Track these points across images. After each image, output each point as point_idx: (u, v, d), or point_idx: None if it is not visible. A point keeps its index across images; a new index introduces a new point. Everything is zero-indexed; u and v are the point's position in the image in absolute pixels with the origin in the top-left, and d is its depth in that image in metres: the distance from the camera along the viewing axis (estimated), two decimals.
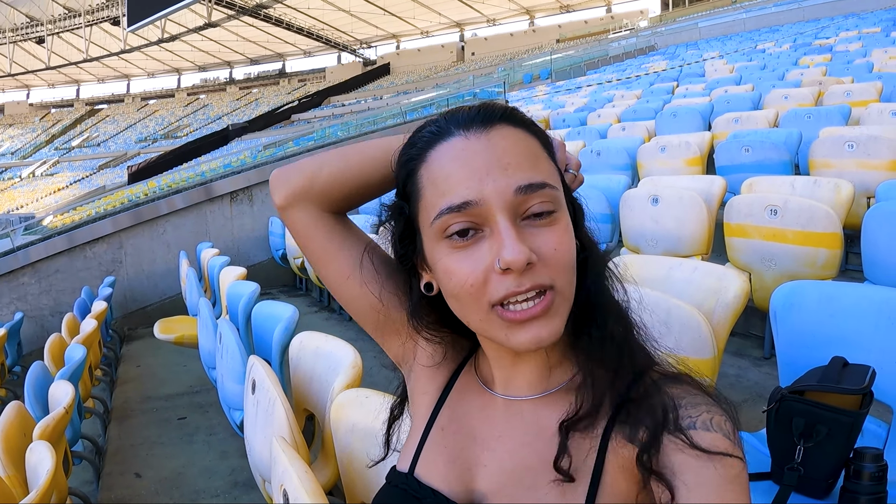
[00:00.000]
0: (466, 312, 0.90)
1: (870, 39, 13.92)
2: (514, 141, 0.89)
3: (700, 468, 0.77)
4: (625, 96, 12.21)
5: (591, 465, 0.87)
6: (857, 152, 4.61)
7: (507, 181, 0.85)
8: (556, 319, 0.86)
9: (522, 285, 0.83)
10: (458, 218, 0.86)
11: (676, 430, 0.81)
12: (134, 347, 6.91)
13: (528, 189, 0.85)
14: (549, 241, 0.85)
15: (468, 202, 0.85)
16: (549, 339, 0.86)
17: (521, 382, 0.98)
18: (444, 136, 0.91)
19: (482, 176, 0.86)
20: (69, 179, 52.93)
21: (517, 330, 0.86)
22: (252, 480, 3.44)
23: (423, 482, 1.00)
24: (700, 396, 0.85)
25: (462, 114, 0.92)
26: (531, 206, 0.85)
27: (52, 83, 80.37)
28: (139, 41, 66.20)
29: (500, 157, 0.87)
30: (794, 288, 1.93)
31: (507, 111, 0.93)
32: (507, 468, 0.94)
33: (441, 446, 1.03)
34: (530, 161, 0.88)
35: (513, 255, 0.81)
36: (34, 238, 8.13)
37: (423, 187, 0.91)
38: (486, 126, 0.90)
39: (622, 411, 0.89)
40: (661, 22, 43.19)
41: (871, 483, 1.37)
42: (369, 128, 14.79)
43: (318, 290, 7.46)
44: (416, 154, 0.93)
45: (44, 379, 3.82)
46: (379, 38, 69.90)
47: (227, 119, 58.97)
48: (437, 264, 0.91)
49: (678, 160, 6.01)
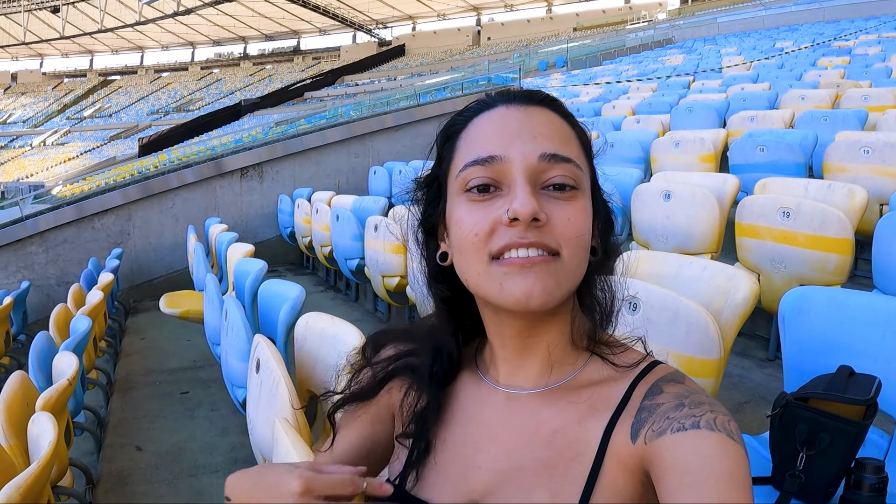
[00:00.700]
0: (467, 266, 0.91)
1: (890, 44, 13.80)
2: (550, 119, 0.93)
3: (703, 466, 0.77)
4: (640, 88, 12.16)
5: (589, 463, 0.88)
6: (873, 158, 4.58)
7: (534, 146, 0.89)
8: (552, 283, 0.86)
9: (525, 237, 0.85)
10: (480, 171, 0.89)
11: (680, 429, 0.80)
12: (139, 320, 6.94)
13: (552, 158, 0.88)
14: (564, 212, 0.88)
15: (493, 156, 0.89)
16: (541, 298, 0.86)
17: (522, 375, 0.99)
18: (488, 108, 0.96)
19: (512, 137, 0.90)
20: (80, 149, 53.10)
21: (511, 280, 0.86)
22: (252, 458, 3.45)
23: (414, 495, 1.01)
24: (703, 396, 0.86)
25: (508, 92, 0.97)
26: (553, 177, 0.88)
27: (65, 53, 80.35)
28: (154, 13, 66.11)
29: (534, 127, 0.91)
30: (803, 293, 1.91)
31: (550, 98, 0.97)
32: (501, 468, 0.95)
33: (431, 457, 1.03)
34: (561, 138, 0.91)
35: (522, 205, 0.84)
36: (43, 207, 8.15)
37: (457, 148, 0.96)
38: (526, 102, 0.94)
39: (623, 410, 0.89)
40: (679, 15, 42.91)
41: (872, 494, 1.37)
42: (382, 108, 14.74)
43: (324, 269, 7.47)
44: (461, 122, 0.98)
45: (48, 349, 3.83)
46: (395, 19, 69.68)
47: (239, 94, 58.97)
48: (453, 216, 0.94)
49: (692, 156, 5.99)
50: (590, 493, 0.86)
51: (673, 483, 0.78)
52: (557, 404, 0.94)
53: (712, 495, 0.74)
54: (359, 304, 6.38)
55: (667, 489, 0.78)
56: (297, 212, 7.71)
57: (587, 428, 0.90)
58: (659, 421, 0.83)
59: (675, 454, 0.79)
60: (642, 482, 0.85)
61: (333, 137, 9.58)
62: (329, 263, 6.70)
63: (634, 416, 0.87)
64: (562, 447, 0.91)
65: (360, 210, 6.24)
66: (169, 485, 3.38)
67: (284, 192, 8.84)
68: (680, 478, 0.77)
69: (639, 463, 0.84)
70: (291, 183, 9.11)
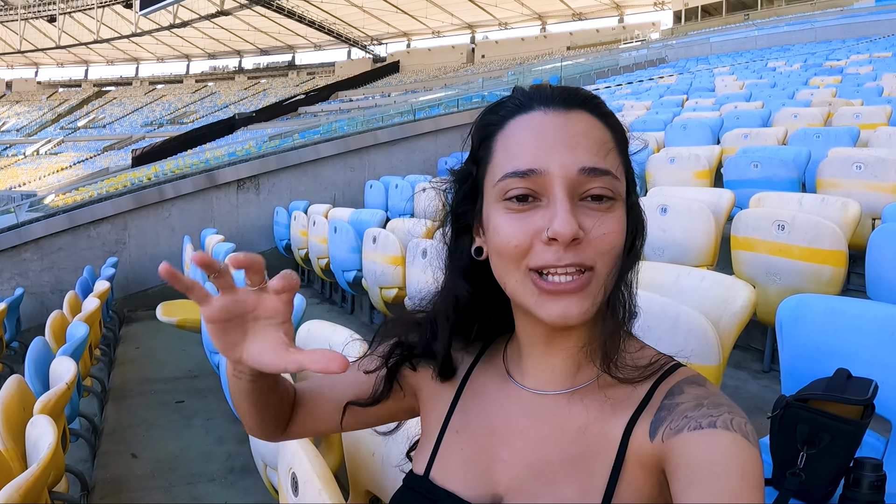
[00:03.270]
0: (505, 272, 0.92)
1: (881, 63, 13.92)
2: (589, 127, 0.91)
3: (717, 464, 0.78)
4: (634, 107, 12.23)
5: (612, 460, 0.89)
6: (865, 173, 4.64)
7: (574, 159, 0.88)
8: (588, 301, 0.88)
9: (562, 260, 0.86)
10: (519, 183, 0.89)
11: (696, 427, 0.81)
12: (133, 329, 6.92)
13: (592, 172, 0.88)
14: (602, 225, 0.88)
15: (533, 170, 0.88)
16: (577, 319, 0.88)
17: (549, 375, 0.99)
18: (525, 110, 0.94)
19: (551, 149, 0.89)
20: (73, 159, 52.96)
21: (547, 301, 0.88)
22: (249, 466, 3.46)
23: (438, 485, 1.02)
24: (722, 398, 0.87)
25: (546, 92, 0.95)
26: (592, 188, 0.88)
27: (61, 62, 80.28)
28: (150, 25, 66.21)
29: (573, 136, 0.89)
30: (800, 301, 1.95)
31: (588, 98, 0.95)
32: (528, 462, 0.95)
33: (457, 448, 1.04)
34: (601, 149, 0.90)
35: (562, 226, 0.84)
36: (39, 214, 8.15)
37: (495, 151, 0.94)
38: (566, 107, 0.92)
39: (644, 409, 0.90)
40: (672, 35, 43.16)
41: (870, 492, 1.40)
42: (377, 124, 14.79)
43: (320, 281, 7.47)
44: (497, 121, 0.96)
45: (44, 355, 3.82)
46: (390, 36, 69.93)
47: (233, 108, 58.97)
48: (491, 221, 0.94)
49: (687, 172, 6.04)
50: (613, 490, 0.87)
51: (686, 479, 0.79)
52: (583, 402, 0.95)
53: (725, 492, 0.75)
54: (354, 317, 6.38)
55: (680, 485, 0.79)
56: (293, 224, 7.72)
57: (610, 425, 0.91)
58: (677, 419, 0.84)
59: (690, 451, 0.80)
60: (660, 480, 0.86)
61: (329, 151, 9.62)
62: (325, 276, 6.71)
63: (654, 415, 0.88)
64: (588, 443, 0.91)
65: (358, 222, 6.26)
66: (165, 492, 3.37)
67: (280, 205, 8.86)
68: (693, 474, 0.78)
69: (656, 461, 0.85)
70: (288, 195, 9.13)
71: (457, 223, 1.04)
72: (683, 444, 0.81)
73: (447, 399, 1.10)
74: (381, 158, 10.00)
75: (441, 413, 1.09)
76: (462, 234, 1.03)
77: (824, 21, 26.69)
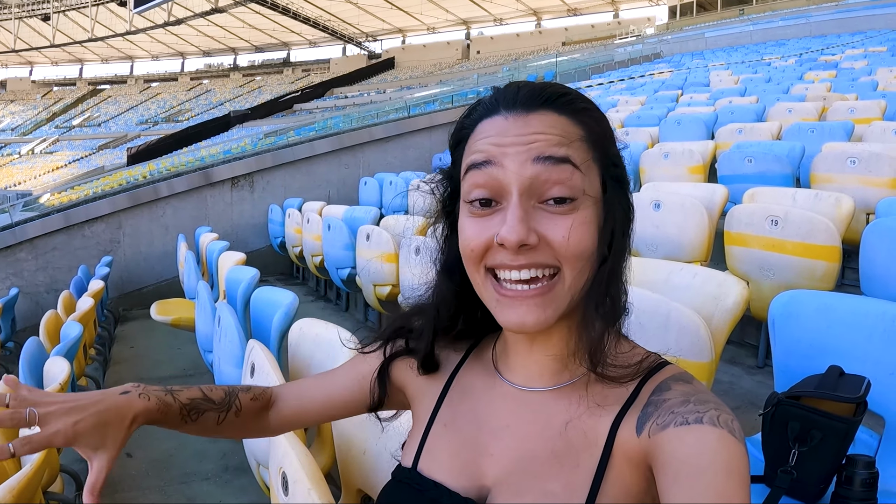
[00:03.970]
0: (469, 271, 0.96)
1: (876, 58, 13.93)
2: (549, 125, 0.91)
3: (702, 459, 0.78)
4: (629, 102, 12.22)
5: (598, 456, 0.89)
6: (859, 168, 4.64)
7: (528, 152, 0.89)
8: (549, 309, 0.89)
9: (516, 260, 0.88)
10: (479, 177, 0.91)
11: (683, 423, 0.82)
12: (128, 328, 6.92)
13: (547, 160, 0.88)
14: (560, 229, 0.88)
15: (488, 160, 0.90)
16: (535, 327, 0.89)
17: (535, 372, 1.00)
18: (491, 113, 0.95)
19: (508, 146, 0.90)
20: (68, 158, 52.71)
21: (506, 307, 0.90)
22: (243, 465, 3.44)
23: (426, 476, 1.03)
24: (709, 395, 0.87)
25: (511, 94, 0.96)
26: (550, 190, 0.88)
27: (55, 61, 79.93)
28: (145, 23, 65.89)
29: (529, 135, 0.90)
30: (793, 297, 1.95)
31: (554, 96, 0.95)
32: (514, 457, 0.96)
33: (444, 441, 1.05)
34: (560, 142, 0.90)
35: (509, 232, 0.86)
36: (33, 214, 8.13)
37: (465, 152, 0.97)
38: (526, 109, 0.93)
39: (631, 405, 0.90)
40: (667, 30, 43.17)
41: (863, 490, 1.39)
42: (371, 120, 14.76)
43: (314, 279, 7.47)
44: (469, 124, 0.99)
45: (39, 355, 3.81)
46: (385, 32, 69.74)
47: (229, 105, 58.74)
48: (459, 221, 0.96)
49: (681, 167, 6.04)
50: (599, 486, 0.87)
51: (672, 475, 0.79)
52: (569, 399, 0.96)
53: (709, 488, 0.75)
54: (349, 314, 6.38)
55: (666, 480, 0.79)
56: (287, 221, 7.71)
57: (596, 421, 0.91)
58: (664, 415, 0.85)
59: (676, 447, 0.80)
60: (647, 476, 0.86)
61: (324, 148, 9.61)
62: (320, 273, 6.71)
63: (641, 411, 0.88)
64: (573, 438, 0.92)
65: (352, 220, 6.25)
66: (160, 491, 3.37)
67: (275, 202, 8.85)
68: (679, 469, 0.78)
69: (643, 456, 0.85)
70: (282, 193, 9.12)
71: (445, 220, 1.06)
72: (670, 439, 0.82)
73: (435, 393, 1.11)
74: (375, 155, 9.99)
75: (428, 407, 1.11)
76: (451, 231, 1.05)
77: (819, 16, 26.69)
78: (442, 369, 1.13)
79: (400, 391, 1.18)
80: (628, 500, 0.87)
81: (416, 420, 1.14)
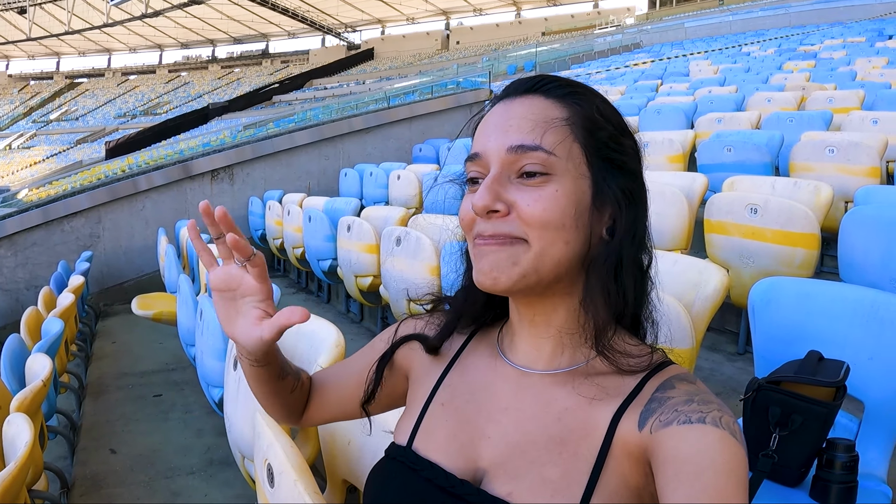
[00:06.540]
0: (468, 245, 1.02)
1: (854, 48, 14.06)
2: (529, 108, 0.96)
3: (703, 459, 0.79)
4: (609, 92, 12.25)
5: (598, 446, 0.90)
6: (838, 157, 4.69)
7: (503, 141, 0.94)
8: (517, 268, 0.92)
9: (486, 230, 0.94)
10: (472, 167, 0.99)
11: (686, 422, 0.83)
12: (109, 324, 6.86)
13: (518, 149, 0.93)
14: (529, 198, 0.91)
15: (476, 154, 0.98)
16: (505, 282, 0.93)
17: (536, 354, 1.01)
18: (495, 102, 1.02)
19: (490, 133, 0.97)
20: (46, 153, 52.17)
21: (479, 260, 0.95)
22: (228, 458, 3.44)
23: (421, 455, 1.03)
24: (712, 396, 0.88)
25: (511, 85, 1.03)
26: (524, 165, 0.93)
27: (32, 55, 78.95)
28: (122, 15, 65.32)
29: (508, 120, 0.96)
30: (772, 284, 1.97)
31: (541, 82, 1.00)
32: (512, 441, 0.97)
33: (441, 421, 1.06)
34: (536, 128, 0.94)
35: (476, 199, 0.92)
36: (11, 210, 8.03)
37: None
38: (513, 95, 1.00)
39: (633, 399, 0.91)
40: (647, 20, 43.30)
41: (843, 472, 1.42)
42: (351, 112, 14.71)
43: (296, 271, 7.45)
44: (480, 119, 1.04)
45: (20, 352, 3.78)
46: (364, 23, 69.50)
47: (207, 98, 58.39)
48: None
49: (661, 157, 6.06)
50: (598, 475, 0.88)
51: (672, 472, 0.80)
52: (568, 385, 0.97)
53: (710, 488, 0.76)
54: (331, 306, 6.37)
55: (665, 478, 0.81)
56: (268, 214, 7.68)
57: (597, 411, 0.92)
58: (667, 412, 0.85)
59: (677, 445, 0.81)
60: (645, 471, 0.87)
61: (303, 140, 9.56)
62: (301, 265, 6.69)
63: (644, 406, 0.89)
64: (572, 425, 0.93)
65: (332, 211, 6.24)
66: (145, 486, 3.36)
67: (255, 195, 8.81)
68: (679, 468, 0.80)
69: (643, 451, 0.86)
70: (262, 185, 9.08)
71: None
72: (671, 437, 0.83)
73: (436, 374, 1.13)
74: (355, 146, 9.96)
75: (428, 387, 1.12)
76: None
77: (798, 6, 26.90)
78: (446, 351, 1.15)
79: (402, 375, 1.21)
80: (626, 493, 0.88)
81: (412, 398, 1.15)
